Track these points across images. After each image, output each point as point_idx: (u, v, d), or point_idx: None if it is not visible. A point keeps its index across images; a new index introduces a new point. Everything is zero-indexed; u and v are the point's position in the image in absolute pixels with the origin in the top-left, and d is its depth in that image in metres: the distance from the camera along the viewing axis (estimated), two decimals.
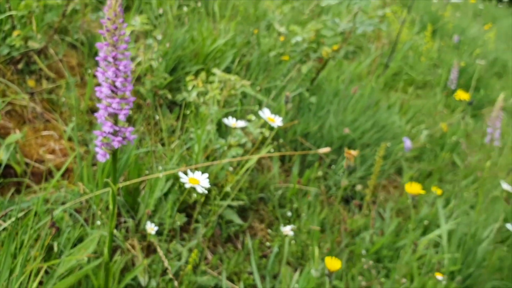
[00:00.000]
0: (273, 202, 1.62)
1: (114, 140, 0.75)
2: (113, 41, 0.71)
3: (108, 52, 0.71)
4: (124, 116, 0.73)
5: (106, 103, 0.73)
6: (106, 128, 0.74)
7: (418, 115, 2.62)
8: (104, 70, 0.72)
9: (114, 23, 0.70)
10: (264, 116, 1.34)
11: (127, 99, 0.74)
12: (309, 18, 2.89)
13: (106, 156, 0.76)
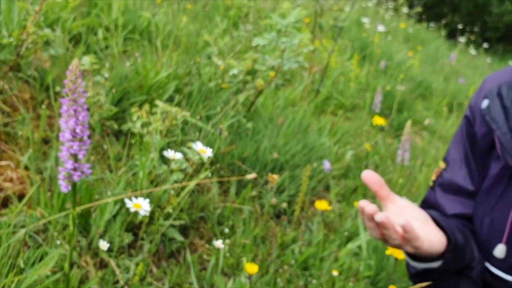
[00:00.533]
0: (212, 220, 1.82)
1: (75, 175, 0.93)
2: (73, 98, 0.90)
3: (70, 106, 0.90)
4: (83, 155, 0.93)
5: (68, 145, 0.92)
6: (68, 165, 0.93)
7: (346, 136, 2.90)
8: (67, 120, 0.91)
9: (75, 84, 0.89)
10: (197, 149, 1.55)
11: (84, 142, 0.93)
12: (247, 47, 3.13)
13: (68, 188, 0.94)
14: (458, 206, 1.02)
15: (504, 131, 0.91)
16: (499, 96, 0.94)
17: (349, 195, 2.45)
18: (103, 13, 2.50)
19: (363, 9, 5.63)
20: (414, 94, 3.96)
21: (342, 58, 3.82)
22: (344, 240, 1.99)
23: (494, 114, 0.93)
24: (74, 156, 0.94)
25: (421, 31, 6.60)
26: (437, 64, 5.28)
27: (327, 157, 2.52)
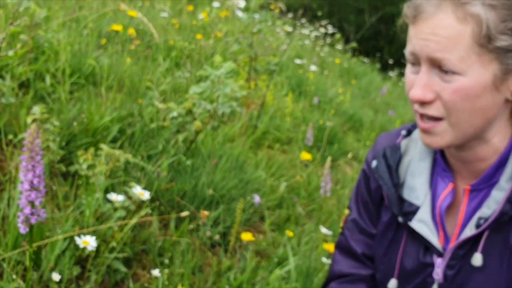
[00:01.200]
0: (153, 252, 2.01)
1: (32, 218, 1.13)
2: (31, 155, 1.10)
3: (28, 162, 1.10)
4: (39, 202, 1.12)
5: (26, 194, 1.11)
6: (26, 211, 1.12)
7: (280, 169, 3.15)
8: (25, 174, 1.10)
9: (33, 144, 1.09)
10: (136, 192, 1.76)
11: (40, 191, 1.13)
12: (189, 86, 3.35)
13: (26, 229, 1.13)
14: (364, 246, 1.24)
15: (389, 186, 1.13)
16: (384, 157, 1.16)
17: (283, 224, 2.69)
18: (50, 60, 2.67)
19: (301, 46, 6.00)
20: (346, 126, 4.29)
21: (279, 94, 4.11)
22: (274, 265, 2.22)
23: (381, 172, 1.16)
24: (32, 203, 1.13)
25: (356, 65, 7.04)
26: (369, 96, 5.68)
27: (262, 189, 2.76)
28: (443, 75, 0.94)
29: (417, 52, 0.95)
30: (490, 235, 1.01)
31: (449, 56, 0.92)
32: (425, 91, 0.95)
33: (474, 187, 1.05)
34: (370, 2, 14.94)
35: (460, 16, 0.91)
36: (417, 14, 0.95)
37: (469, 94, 0.93)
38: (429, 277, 1.08)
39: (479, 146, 1.02)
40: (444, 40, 0.92)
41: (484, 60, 0.92)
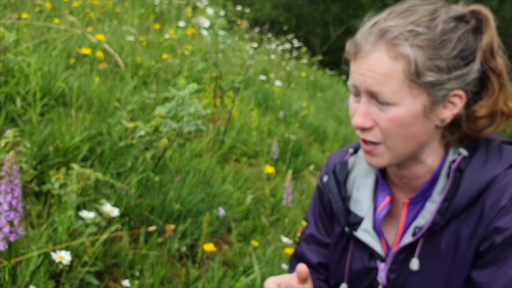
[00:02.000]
0: (124, 265, 2.12)
1: (11, 236, 1.24)
2: (10, 179, 1.21)
3: (7, 185, 1.21)
4: (17, 221, 1.23)
5: (5, 214, 1.23)
6: (5, 229, 1.23)
7: (247, 182, 3.28)
8: (4, 196, 1.22)
9: (11, 169, 1.21)
10: (106, 210, 1.87)
11: (18, 211, 1.24)
12: (156, 104, 3.47)
13: (5, 246, 1.25)
14: (319, 256, 1.37)
15: (337, 199, 1.27)
16: (334, 173, 1.30)
17: (249, 234, 2.82)
18: (20, 83, 2.76)
19: (267, 61, 6.17)
20: (311, 138, 4.45)
21: (246, 109, 4.25)
22: (240, 274, 2.34)
23: (330, 187, 1.29)
24: (10, 222, 1.25)
25: (322, 78, 7.24)
26: (334, 108, 5.87)
27: (229, 202, 2.89)
28: (380, 105, 1.07)
29: (357, 85, 1.08)
30: (424, 242, 1.15)
31: (384, 90, 1.05)
32: (365, 119, 1.08)
33: (411, 200, 1.19)
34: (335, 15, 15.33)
35: (392, 55, 1.04)
36: (357, 52, 1.08)
37: (402, 123, 1.07)
38: (374, 280, 1.22)
39: (415, 166, 1.17)
40: (379, 76, 1.05)
41: (414, 93, 1.06)
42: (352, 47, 1.10)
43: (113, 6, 5.24)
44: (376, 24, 1.10)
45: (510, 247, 1.06)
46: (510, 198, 1.07)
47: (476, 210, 1.10)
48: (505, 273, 1.05)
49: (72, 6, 4.59)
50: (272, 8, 15.61)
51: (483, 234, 1.08)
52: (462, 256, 1.11)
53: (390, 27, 1.06)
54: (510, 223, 1.06)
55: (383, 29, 1.07)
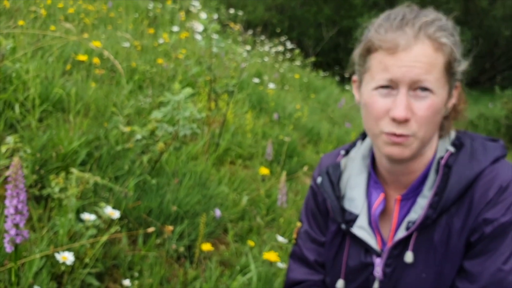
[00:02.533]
0: (124, 266, 2.17)
1: (17, 238, 1.29)
2: (15, 184, 1.27)
3: (13, 189, 1.27)
4: (23, 224, 1.29)
5: (12, 218, 1.28)
6: (12, 232, 1.29)
7: (243, 183, 3.34)
8: (11, 200, 1.27)
9: (17, 174, 1.26)
10: (107, 212, 1.93)
11: (24, 214, 1.30)
12: (152, 107, 3.53)
13: (12, 248, 1.30)
14: (315, 254, 1.43)
15: (332, 198, 1.34)
16: (327, 174, 1.37)
17: (245, 235, 2.88)
18: (18, 90, 2.81)
19: (261, 63, 6.23)
20: (305, 140, 4.52)
21: (240, 112, 4.32)
22: (237, 273, 2.40)
23: (325, 187, 1.36)
24: (16, 225, 1.30)
25: (315, 79, 7.31)
26: (328, 109, 5.94)
27: (225, 203, 2.95)
28: (419, 94, 1.14)
29: (398, 77, 1.13)
30: (418, 236, 1.22)
31: (430, 78, 1.13)
32: (407, 110, 1.14)
33: (403, 196, 1.27)
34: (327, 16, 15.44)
35: (436, 47, 1.14)
36: (394, 47, 1.14)
37: (437, 110, 1.16)
38: (371, 275, 1.29)
39: (416, 159, 1.23)
40: (425, 66, 1.13)
41: (444, 82, 1.17)
42: (384, 42, 1.15)
43: (107, 12, 5.30)
44: (405, 20, 1.17)
45: (499, 237, 1.13)
46: (497, 191, 1.15)
47: (465, 204, 1.18)
48: (494, 261, 1.13)
49: (67, 12, 4.65)
50: (265, 10, 15.69)
51: (473, 226, 1.16)
52: (454, 247, 1.18)
53: (428, 22, 1.16)
54: (497, 214, 1.14)
55: (422, 24, 1.15)
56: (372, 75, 1.18)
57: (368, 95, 1.19)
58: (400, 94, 1.14)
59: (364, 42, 1.22)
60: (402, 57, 1.13)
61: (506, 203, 1.14)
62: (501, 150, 1.24)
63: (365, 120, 1.24)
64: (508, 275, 1.11)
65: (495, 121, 9.98)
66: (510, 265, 1.11)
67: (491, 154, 1.22)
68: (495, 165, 1.20)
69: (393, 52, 1.14)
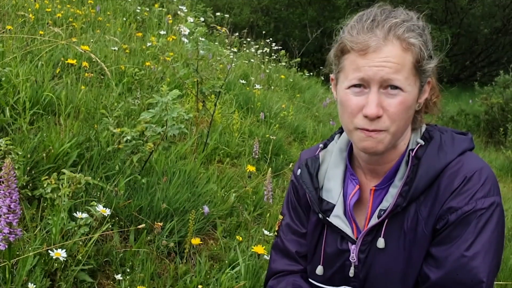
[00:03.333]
0: (115, 263, 2.25)
1: (10, 236, 1.36)
2: (8, 184, 1.34)
3: (5, 189, 1.34)
4: (16, 223, 1.36)
5: (5, 217, 1.35)
6: (5, 230, 1.36)
7: (231, 181, 3.43)
8: (3, 199, 1.34)
9: (9, 175, 1.33)
10: (99, 210, 2.00)
11: (17, 213, 1.37)
12: (141, 109, 3.60)
13: (5, 246, 1.37)
14: (296, 245, 1.50)
15: (311, 189, 1.41)
16: (307, 167, 1.45)
17: (233, 230, 2.96)
18: (8, 93, 2.87)
19: (247, 63, 6.32)
20: (291, 138, 4.61)
21: (227, 112, 4.40)
22: (226, 267, 2.48)
23: (304, 178, 1.43)
24: (10, 224, 1.37)
25: (301, 79, 7.42)
26: (313, 108, 6.04)
27: (214, 201, 3.02)
28: (388, 93, 1.22)
29: (369, 76, 1.21)
30: (389, 223, 1.31)
31: (399, 77, 1.21)
32: (378, 108, 1.22)
33: (378, 187, 1.35)
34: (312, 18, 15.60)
35: (405, 47, 1.22)
36: (365, 48, 1.21)
37: (408, 106, 1.24)
38: (347, 260, 1.37)
39: (391, 150, 1.32)
40: (395, 65, 1.20)
41: (415, 79, 1.25)
42: (356, 43, 1.23)
43: (96, 15, 5.36)
44: (376, 21, 1.25)
45: (462, 224, 1.22)
46: (461, 181, 1.24)
47: (432, 193, 1.27)
48: (458, 248, 1.21)
49: (55, 16, 4.70)
50: (250, 12, 15.81)
51: (439, 214, 1.25)
52: (421, 233, 1.27)
53: (397, 23, 1.24)
54: (461, 203, 1.22)
55: (391, 25, 1.23)
56: (345, 74, 1.27)
57: (343, 94, 1.28)
58: (371, 92, 1.22)
59: (338, 43, 1.30)
60: (372, 58, 1.21)
61: (470, 193, 1.22)
62: (469, 143, 1.33)
63: (340, 116, 1.32)
64: (470, 261, 1.19)
65: (475, 117, 10.16)
66: (473, 252, 1.19)
67: (459, 147, 1.30)
68: (461, 157, 1.28)
69: (364, 53, 1.22)
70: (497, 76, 10.63)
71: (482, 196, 1.22)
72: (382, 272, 1.32)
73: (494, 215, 1.22)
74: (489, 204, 1.22)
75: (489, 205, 1.22)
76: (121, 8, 6.13)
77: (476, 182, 1.23)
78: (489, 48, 17.97)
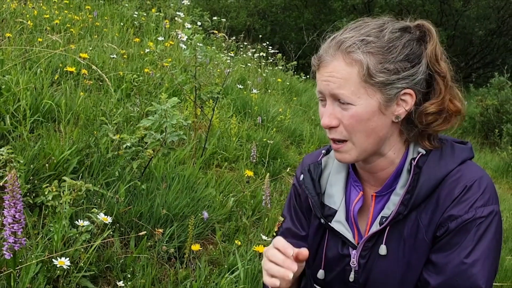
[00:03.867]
0: (117, 269, 2.28)
1: (15, 246, 1.40)
2: (13, 195, 1.37)
3: (11, 200, 1.37)
4: (20, 232, 1.39)
5: (10, 226, 1.38)
6: (10, 240, 1.39)
7: (229, 185, 3.46)
8: (8, 209, 1.38)
9: (13, 186, 1.36)
10: (100, 218, 2.04)
11: (21, 223, 1.40)
12: (141, 115, 3.63)
13: (10, 255, 1.40)
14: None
15: (313, 194, 1.44)
16: (309, 172, 1.48)
17: (232, 234, 2.99)
18: (9, 101, 2.90)
19: (245, 67, 6.36)
20: (288, 142, 4.65)
21: (225, 117, 4.43)
22: (226, 271, 2.52)
23: (306, 184, 1.46)
24: (14, 233, 1.40)
25: (297, 82, 7.46)
26: (310, 111, 6.08)
27: (213, 205, 3.06)
28: (342, 105, 1.27)
29: (322, 90, 1.28)
30: (390, 230, 1.34)
31: (343, 91, 1.24)
32: (330, 118, 1.27)
33: (378, 193, 1.39)
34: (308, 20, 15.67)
35: (348, 61, 1.25)
36: (320, 63, 1.28)
37: (362, 118, 1.26)
38: (347, 265, 1.41)
39: (379, 159, 1.36)
40: (338, 80, 1.24)
41: (370, 92, 1.26)
42: (316, 60, 1.30)
43: (93, 20, 5.38)
44: (334, 38, 1.30)
45: (462, 232, 1.25)
46: (462, 190, 1.27)
47: (433, 201, 1.30)
48: (458, 255, 1.24)
49: (53, 22, 4.73)
50: (247, 15, 15.87)
51: (439, 221, 1.28)
52: (422, 240, 1.30)
53: (346, 38, 1.27)
54: (462, 212, 1.26)
55: (340, 41, 1.28)
56: None
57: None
58: (326, 104, 1.29)
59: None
60: (322, 72, 1.28)
61: (470, 202, 1.25)
62: (469, 153, 1.36)
63: None
64: (470, 268, 1.23)
65: (470, 119, 10.20)
66: (472, 259, 1.23)
67: (459, 156, 1.33)
68: (461, 166, 1.31)
69: (318, 68, 1.29)
70: (492, 77, 10.69)
71: (482, 205, 1.25)
72: (382, 277, 1.35)
73: (493, 223, 1.25)
74: (488, 213, 1.25)
75: (488, 214, 1.25)
76: (118, 13, 6.17)
77: (476, 191, 1.27)
78: (484, 49, 18.04)
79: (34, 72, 3.46)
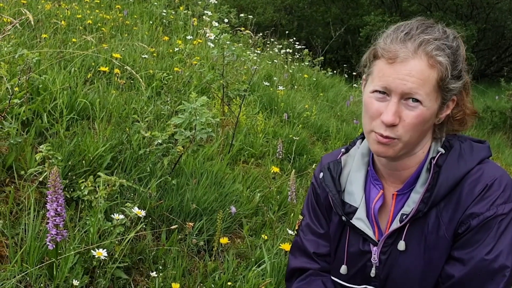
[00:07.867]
0: (149, 260, 2.39)
1: (57, 237, 1.50)
2: (55, 190, 1.48)
3: (53, 194, 1.48)
4: (62, 225, 1.50)
5: (52, 219, 1.49)
6: (53, 232, 1.50)
7: (256, 181, 3.54)
8: (51, 203, 1.48)
9: (55, 182, 1.47)
10: (134, 211, 2.14)
11: (62, 216, 1.50)
12: (171, 113, 3.74)
13: (53, 246, 1.51)
14: (315, 245, 1.58)
15: (334, 192, 1.49)
16: (329, 170, 1.53)
17: (259, 229, 3.08)
18: (46, 100, 3.04)
19: (271, 64, 6.42)
20: (314, 138, 4.70)
21: (252, 113, 4.51)
22: (253, 265, 2.60)
23: (326, 182, 1.51)
24: (57, 226, 1.51)
25: (324, 78, 7.49)
26: (337, 107, 6.12)
27: (240, 200, 3.15)
28: (408, 105, 1.29)
29: (392, 87, 1.28)
30: (410, 227, 1.39)
31: (421, 92, 1.27)
32: (395, 116, 1.29)
33: (399, 192, 1.44)
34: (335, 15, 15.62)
35: (431, 63, 1.28)
36: (394, 57, 1.28)
37: (425, 120, 1.31)
38: (369, 261, 1.46)
39: (408, 158, 1.41)
40: (418, 80, 1.27)
41: (436, 96, 1.31)
42: (385, 52, 1.30)
43: (123, 19, 5.52)
44: (410, 35, 1.31)
45: (484, 229, 1.30)
46: (482, 188, 1.32)
47: (453, 199, 1.35)
48: (480, 251, 1.30)
49: (85, 22, 4.87)
50: (274, 11, 15.91)
51: (461, 219, 1.33)
52: (442, 237, 1.35)
53: (429, 40, 1.30)
54: (483, 209, 1.31)
55: (423, 41, 1.29)
56: (373, 79, 1.35)
57: (367, 96, 1.36)
58: (391, 101, 1.29)
59: (372, 48, 1.38)
60: (398, 69, 1.28)
61: (491, 199, 1.30)
62: (487, 152, 1.41)
63: (362, 117, 1.41)
64: (491, 264, 1.28)
65: (501, 114, 10.01)
66: (493, 255, 1.28)
67: (477, 155, 1.38)
68: (481, 165, 1.36)
69: (392, 62, 1.28)
70: None
71: (503, 202, 1.30)
72: (402, 273, 1.40)
73: None
74: (509, 210, 1.30)
75: (509, 211, 1.30)
76: (147, 12, 6.30)
77: (496, 189, 1.31)
78: None
79: (69, 72, 3.59)
